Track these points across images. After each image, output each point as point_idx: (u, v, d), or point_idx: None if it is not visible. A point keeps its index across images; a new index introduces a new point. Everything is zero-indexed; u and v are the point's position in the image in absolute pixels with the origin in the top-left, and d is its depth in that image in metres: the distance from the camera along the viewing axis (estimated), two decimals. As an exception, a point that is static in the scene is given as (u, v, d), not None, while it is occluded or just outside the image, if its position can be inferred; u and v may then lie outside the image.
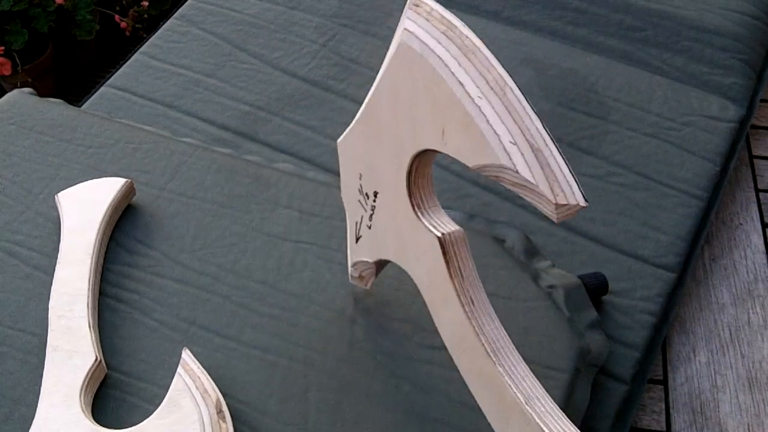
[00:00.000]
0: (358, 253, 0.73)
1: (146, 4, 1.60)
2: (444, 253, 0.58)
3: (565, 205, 0.46)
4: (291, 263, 0.80)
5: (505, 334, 0.59)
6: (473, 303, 0.59)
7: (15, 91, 0.98)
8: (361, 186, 0.67)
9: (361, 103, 1.08)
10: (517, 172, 0.47)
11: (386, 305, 0.77)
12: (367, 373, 0.72)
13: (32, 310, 0.75)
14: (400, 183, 0.60)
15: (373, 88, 0.62)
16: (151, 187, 0.86)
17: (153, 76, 1.11)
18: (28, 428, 0.66)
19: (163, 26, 1.18)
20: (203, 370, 0.68)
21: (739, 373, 0.98)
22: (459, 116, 0.51)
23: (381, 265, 0.71)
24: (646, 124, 1.07)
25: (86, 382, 0.68)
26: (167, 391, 0.67)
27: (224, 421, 0.65)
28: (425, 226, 0.59)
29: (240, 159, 0.90)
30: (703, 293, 1.06)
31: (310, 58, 1.13)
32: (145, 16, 1.61)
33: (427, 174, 0.61)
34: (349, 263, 0.75)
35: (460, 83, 0.50)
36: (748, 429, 0.93)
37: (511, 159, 0.47)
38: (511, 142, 0.48)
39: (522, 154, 0.47)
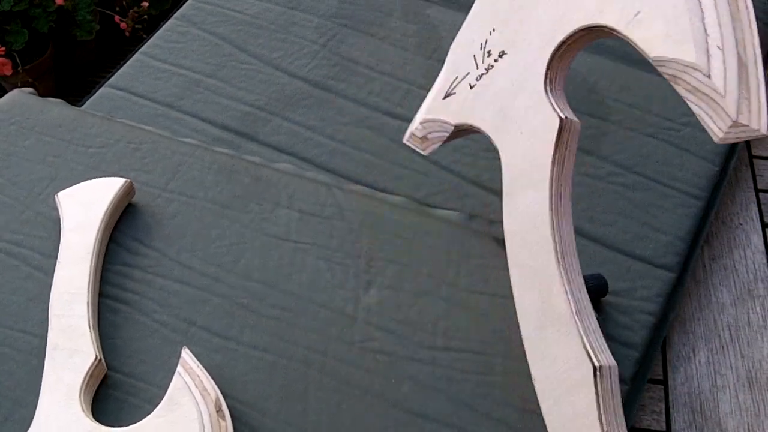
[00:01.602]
0: (440, 112, 0.68)
1: (146, 4, 1.60)
2: (558, 136, 0.56)
3: (743, 126, 0.44)
4: (291, 263, 0.80)
5: (575, 243, 0.57)
6: (561, 198, 0.57)
7: (15, 91, 0.98)
8: (486, 41, 0.63)
9: (361, 104, 1.08)
10: (708, 76, 0.45)
11: (386, 305, 0.77)
12: (366, 373, 0.72)
13: (32, 311, 0.75)
14: (544, 51, 0.57)
15: None
16: (151, 187, 0.86)
17: (153, 76, 1.11)
18: (29, 428, 0.66)
19: (164, 26, 1.18)
20: (202, 369, 0.68)
21: (738, 373, 0.98)
22: (669, 3, 0.48)
23: (459, 133, 0.68)
24: (646, 124, 1.07)
25: (86, 381, 0.68)
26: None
27: (224, 419, 0.65)
28: (551, 103, 0.58)
29: (240, 159, 0.90)
30: (702, 293, 1.06)
31: (310, 58, 1.13)
32: (145, 16, 1.61)
33: (572, 57, 0.59)
34: (418, 119, 0.70)
35: None
36: (748, 429, 0.93)
37: (709, 62, 0.45)
38: (718, 47, 0.45)
39: (724, 62, 0.45)
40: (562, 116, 0.57)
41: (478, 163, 0.97)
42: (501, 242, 0.85)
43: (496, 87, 0.61)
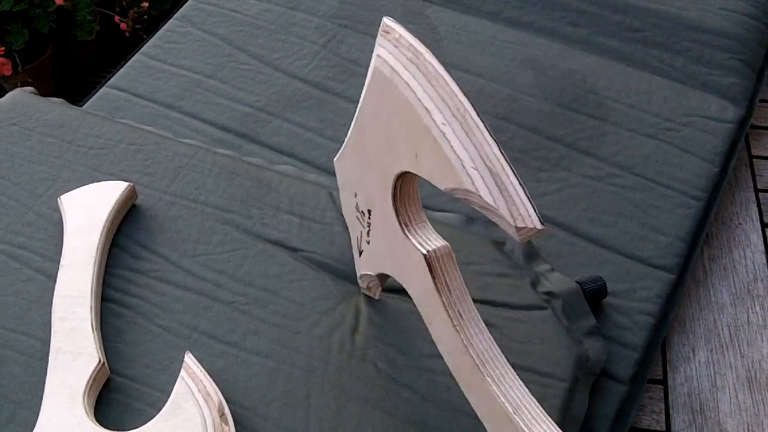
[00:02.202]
0: (362, 267, 0.75)
1: (146, 4, 1.60)
2: (430, 269, 0.60)
3: (525, 228, 0.48)
4: (293, 270, 0.80)
5: (494, 344, 0.60)
6: (461, 316, 0.60)
7: (16, 90, 0.98)
8: (357, 204, 0.69)
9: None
10: (480, 196, 0.50)
11: (387, 314, 0.77)
12: (367, 380, 0.72)
13: (34, 314, 0.76)
14: (387, 203, 0.62)
15: (357, 111, 0.64)
16: (153, 189, 0.86)
17: (153, 76, 1.11)
18: (32, 430, 0.66)
19: (164, 27, 1.18)
20: (206, 373, 0.68)
21: (738, 372, 0.98)
22: (428, 141, 0.53)
23: (384, 277, 0.73)
24: (646, 125, 1.07)
25: (89, 384, 0.68)
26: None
27: (226, 424, 0.65)
28: (412, 243, 0.61)
29: (241, 161, 0.90)
30: (702, 293, 1.06)
31: (310, 59, 1.13)
32: (145, 16, 1.61)
33: (412, 193, 0.63)
34: (357, 275, 0.77)
35: (427, 110, 0.53)
36: (748, 429, 0.93)
37: (473, 183, 0.50)
38: (472, 168, 0.50)
39: (482, 179, 0.50)
40: (425, 251, 0.60)
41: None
42: (501, 245, 0.85)
43: (379, 240, 0.67)
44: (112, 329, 0.75)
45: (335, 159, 0.71)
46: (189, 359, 0.69)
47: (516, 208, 0.48)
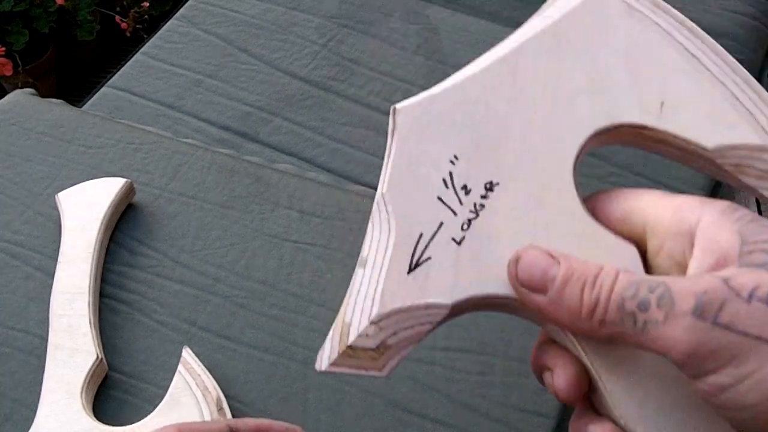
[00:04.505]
0: (409, 294, 0.42)
1: (147, 4, 1.60)
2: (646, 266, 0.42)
3: None
4: (291, 263, 0.80)
5: None
6: None
7: (16, 92, 0.98)
8: (451, 175, 0.44)
9: (361, 104, 1.08)
10: None
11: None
12: (366, 373, 0.72)
13: (33, 311, 0.76)
14: (564, 170, 0.42)
15: (511, 47, 0.46)
16: (152, 187, 0.86)
17: (154, 76, 1.11)
18: (30, 427, 0.66)
19: (164, 27, 1.18)
20: (203, 368, 0.68)
21: (738, 373, 0.98)
22: (694, 89, 0.42)
23: (449, 316, 0.44)
24: (646, 125, 1.07)
25: (87, 380, 0.68)
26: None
27: (225, 418, 0.65)
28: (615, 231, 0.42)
29: (240, 159, 0.91)
30: (702, 293, 1.06)
31: (310, 58, 1.13)
32: (146, 16, 1.61)
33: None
34: (360, 320, 0.43)
35: (693, 56, 0.42)
36: (748, 429, 0.93)
37: None
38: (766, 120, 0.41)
39: None
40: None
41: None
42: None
43: (505, 232, 0.42)
44: (109, 325, 0.75)
45: (403, 104, 0.47)
46: (187, 354, 0.69)
47: None
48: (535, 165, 0.42)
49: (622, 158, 1.02)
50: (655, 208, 0.41)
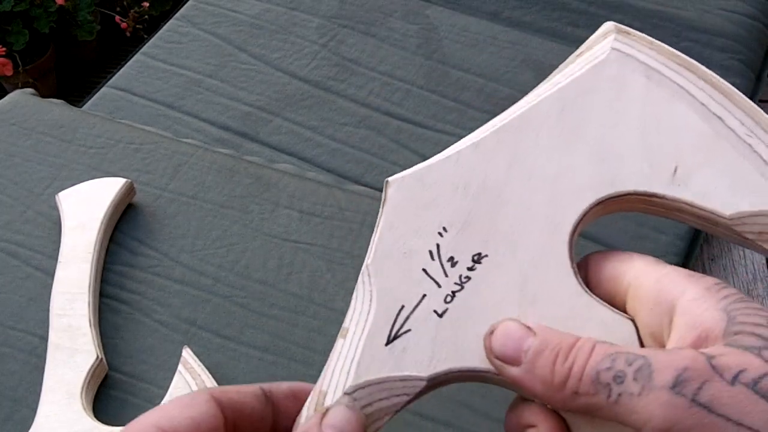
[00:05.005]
0: (385, 366, 0.42)
1: (147, 4, 1.60)
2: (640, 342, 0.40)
3: None
4: (291, 263, 0.80)
5: None
6: None
7: (16, 92, 0.98)
8: (438, 247, 0.43)
9: (361, 104, 1.08)
10: None
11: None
12: (366, 372, 0.72)
13: (33, 311, 0.76)
14: (559, 242, 0.41)
15: (515, 114, 0.45)
16: (152, 187, 0.86)
17: (154, 76, 1.11)
18: (30, 427, 0.66)
19: (164, 27, 1.19)
20: (203, 368, 0.68)
21: (738, 372, 0.98)
22: (713, 152, 0.40)
23: (428, 388, 0.44)
24: (646, 125, 1.07)
25: (88, 380, 0.68)
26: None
27: (224, 420, 0.65)
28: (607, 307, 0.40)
29: (240, 159, 0.91)
30: (702, 293, 1.06)
31: (310, 58, 1.13)
32: (146, 16, 1.61)
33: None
34: (335, 392, 0.43)
35: (715, 115, 0.40)
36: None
37: None
38: None
39: None
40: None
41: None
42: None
43: (490, 304, 0.41)
44: (110, 325, 0.75)
45: (395, 177, 0.46)
46: (187, 354, 0.69)
47: None
48: (530, 236, 0.41)
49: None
50: (641, 275, 0.39)
